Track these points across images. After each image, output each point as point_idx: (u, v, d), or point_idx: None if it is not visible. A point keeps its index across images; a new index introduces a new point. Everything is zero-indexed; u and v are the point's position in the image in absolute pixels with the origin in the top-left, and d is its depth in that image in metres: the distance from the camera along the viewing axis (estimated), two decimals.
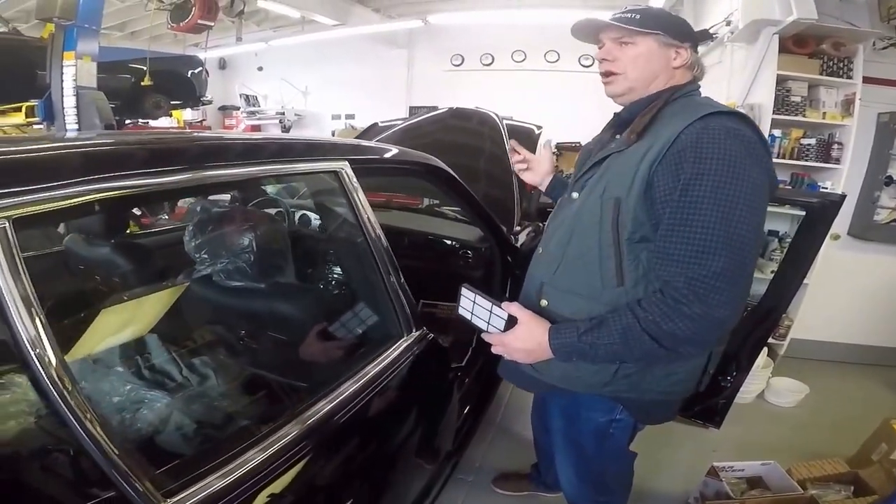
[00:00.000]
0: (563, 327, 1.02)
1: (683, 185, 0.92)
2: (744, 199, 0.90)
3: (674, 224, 0.93)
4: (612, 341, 0.96)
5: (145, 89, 5.39)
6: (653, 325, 0.93)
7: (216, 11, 5.24)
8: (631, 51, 1.07)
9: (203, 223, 1.28)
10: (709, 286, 0.89)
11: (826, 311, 3.23)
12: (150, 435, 0.99)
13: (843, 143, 3.11)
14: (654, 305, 0.94)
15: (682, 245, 0.92)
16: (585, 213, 1.06)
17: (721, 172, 0.90)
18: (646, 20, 1.05)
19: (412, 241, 2.32)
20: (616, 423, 1.20)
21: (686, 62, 1.08)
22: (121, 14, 7.13)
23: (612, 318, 0.96)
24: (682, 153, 0.93)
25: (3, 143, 0.82)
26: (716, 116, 0.95)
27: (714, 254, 0.89)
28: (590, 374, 1.09)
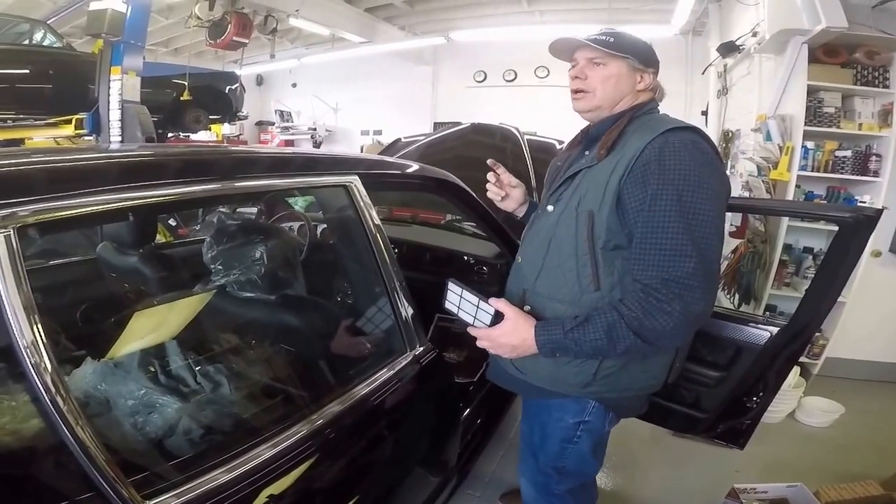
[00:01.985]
0: (549, 324, 1.07)
1: (651, 197, 1.01)
2: (705, 204, 0.99)
3: (646, 232, 1.02)
4: (598, 337, 1.01)
5: (185, 104, 5.63)
6: (635, 321, 0.99)
7: (251, 29, 5.47)
8: (602, 71, 1.14)
9: (219, 235, 1.34)
10: (684, 285, 0.98)
11: (865, 329, 3.08)
12: (158, 438, 1.03)
13: (881, 155, 2.99)
14: (636, 304, 1.00)
15: (655, 251, 1.00)
16: (562, 225, 1.13)
17: (683, 182, 1.00)
18: (619, 44, 1.12)
19: (432, 255, 2.35)
20: (584, 426, 1.23)
21: (649, 86, 1.17)
22: (165, 31, 7.52)
23: (597, 316, 1.02)
24: (647, 166, 1.02)
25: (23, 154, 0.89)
26: (675, 132, 1.04)
27: (685, 256, 0.98)
28: (572, 374, 1.15)
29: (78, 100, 4.63)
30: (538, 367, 1.17)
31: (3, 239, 0.68)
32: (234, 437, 1.08)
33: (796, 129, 2.95)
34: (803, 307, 1.76)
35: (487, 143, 3.03)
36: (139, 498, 0.75)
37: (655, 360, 1.19)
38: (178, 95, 5.53)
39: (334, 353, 1.31)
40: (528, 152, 2.79)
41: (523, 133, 2.95)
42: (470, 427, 1.78)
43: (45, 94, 4.62)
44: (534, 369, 1.19)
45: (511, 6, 6.71)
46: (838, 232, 1.61)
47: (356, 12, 6.81)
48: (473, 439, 1.79)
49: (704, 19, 5.05)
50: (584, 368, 1.14)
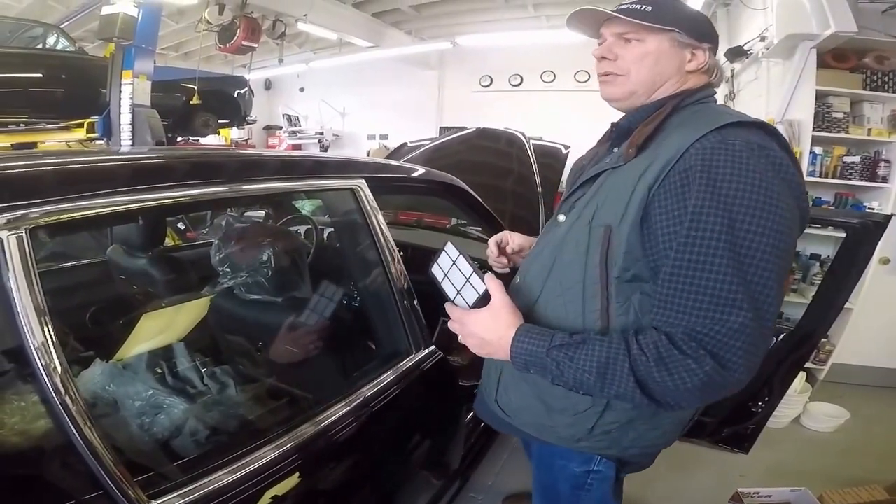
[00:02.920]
0: (535, 332, 0.83)
1: (693, 216, 0.74)
2: (769, 236, 0.72)
3: (680, 266, 0.75)
4: (587, 368, 0.78)
5: (195, 108, 5.68)
6: (644, 368, 0.75)
7: (259, 33, 5.51)
8: (637, 49, 0.89)
9: (227, 238, 1.35)
10: (724, 345, 0.72)
11: (872, 335, 3.06)
12: (165, 439, 1.04)
13: (890, 161, 2.98)
14: (652, 347, 0.75)
15: (690, 294, 0.74)
16: (570, 242, 0.89)
17: (741, 202, 0.72)
18: (660, 13, 0.87)
19: None
20: (594, 475, 1.02)
21: (702, 65, 0.91)
22: (176, 35, 7.59)
23: (598, 343, 0.78)
24: (690, 173, 0.76)
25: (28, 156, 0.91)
26: (735, 128, 0.78)
27: (731, 307, 0.72)
28: (563, 426, 0.95)
29: (90, 103, 4.68)
30: (523, 412, 0.99)
31: (16, 240, 0.70)
32: (239, 438, 1.09)
33: (804, 134, 2.94)
34: (810, 313, 1.75)
35: (493, 147, 3.04)
36: (145, 498, 0.76)
37: (667, 416, 0.94)
38: (188, 99, 5.58)
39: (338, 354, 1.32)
40: (533, 157, 2.80)
41: (529, 138, 2.96)
42: (473, 430, 1.78)
43: (58, 98, 4.67)
44: (518, 413, 1.01)
45: (517, 11, 6.72)
46: (846, 238, 1.60)
47: (363, 17, 6.86)
48: (477, 442, 1.79)
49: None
50: (579, 421, 0.92)
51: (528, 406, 0.98)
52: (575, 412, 0.93)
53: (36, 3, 5.76)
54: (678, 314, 0.75)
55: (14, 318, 0.69)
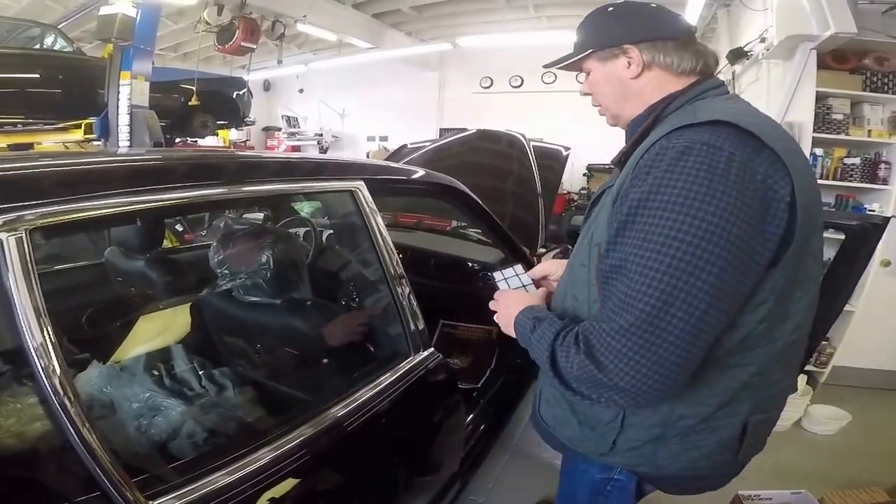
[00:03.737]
0: (535, 310, 0.91)
1: (620, 222, 0.76)
2: (685, 243, 0.69)
3: (608, 269, 0.78)
4: (537, 339, 0.85)
5: (193, 109, 5.67)
6: (557, 351, 0.80)
7: (258, 34, 5.51)
8: (591, 78, 0.94)
9: (225, 240, 1.35)
10: (603, 344, 0.73)
11: (872, 338, 3.06)
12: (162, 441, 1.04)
13: (890, 163, 2.97)
14: (567, 337, 0.80)
15: (608, 295, 0.77)
16: (577, 262, 0.93)
17: (664, 206, 0.71)
18: (581, 39, 0.92)
19: (437, 261, 2.35)
20: (614, 483, 1.03)
21: (641, 65, 0.87)
22: (174, 36, 7.58)
23: (548, 321, 0.85)
24: (633, 180, 0.76)
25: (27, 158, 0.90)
26: (685, 130, 0.74)
27: (622, 309, 0.72)
28: (591, 440, 0.97)
29: (87, 104, 4.67)
30: (561, 423, 1.03)
31: (15, 241, 0.69)
32: (237, 439, 1.09)
33: (805, 135, 2.93)
34: None
35: (493, 149, 3.04)
36: (142, 499, 0.76)
37: (704, 436, 0.88)
38: (186, 101, 5.56)
39: (338, 356, 1.31)
40: (533, 159, 2.79)
41: (529, 139, 2.95)
42: (473, 432, 1.78)
43: (55, 99, 4.66)
44: (557, 424, 1.04)
45: (518, 12, 6.73)
46: (845, 240, 1.60)
47: (363, 18, 6.86)
48: (477, 445, 1.78)
49: (713, 25, 5.03)
50: (603, 435, 0.94)
51: (565, 419, 1.00)
52: (600, 424, 0.93)
53: (34, 3, 5.74)
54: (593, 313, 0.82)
55: (13, 319, 0.69)
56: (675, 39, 0.87)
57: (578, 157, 4.30)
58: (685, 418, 0.86)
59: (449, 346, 2.18)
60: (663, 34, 0.87)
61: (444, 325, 2.25)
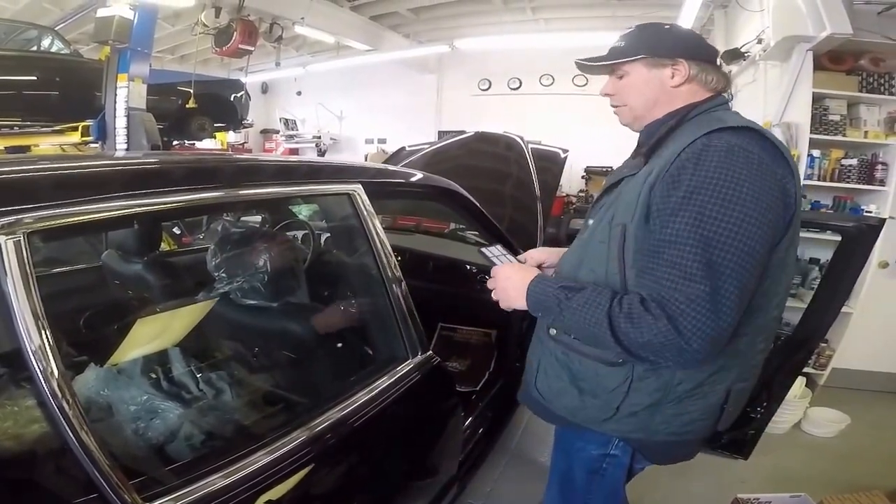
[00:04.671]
0: (548, 278, 1.04)
1: (675, 205, 0.88)
2: (733, 225, 0.84)
3: (660, 243, 0.89)
4: (576, 307, 0.93)
5: (191, 111, 5.66)
6: (615, 316, 0.89)
7: (256, 36, 5.50)
8: (625, 82, 1.05)
9: (223, 243, 1.35)
10: (680, 311, 0.84)
11: (871, 340, 3.06)
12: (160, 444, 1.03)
13: (887, 164, 2.98)
14: (626, 304, 0.89)
15: (662, 265, 0.88)
16: (595, 240, 1.04)
17: (709, 194, 0.86)
18: (629, 45, 1.03)
19: (435, 264, 2.35)
20: (609, 459, 1.12)
21: (686, 77, 1.01)
22: (172, 38, 7.56)
23: (591, 290, 0.94)
24: (680, 172, 0.89)
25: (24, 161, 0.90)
26: (721, 132, 0.90)
27: (691, 280, 0.84)
28: (593, 407, 1.05)
29: (84, 107, 4.66)
30: (559, 396, 1.10)
31: (13, 245, 0.70)
32: (234, 442, 1.09)
33: (802, 137, 2.94)
34: (807, 317, 1.76)
35: (492, 151, 3.03)
36: (140, 501, 0.76)
37: (694, 402, 1.01)
38: (184, 103, 5.55)
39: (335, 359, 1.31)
40: (532, 161, 2.79)
41: (528, 142, 2.95)
42: (472, 436, 1.77)
43: (52, 101, 4.65)
44: (554, 397, 1.11)
45: (516, 14, 6.74)
46: (841, 242, 1.61)
47: (361, 20, 6.86)
48: (475, 449, 1.78)
49: (710, 26, 5.04)
50: (607, 401, 1.02)
51: (564, 390, 1.07)
52: (604, 392, 1.02)
53: (31, 5, 5.73)
54: (650, 281, 0.89)
55: (12, 322, 0.69)
56: (713, 63, 1.05)
57: (576, 159, 4.30)
58: (683, 383, 0.99)
59: (447, 350, 2.17)
60: (707, 56, 1.05)
61: (442, 328, 2.25)
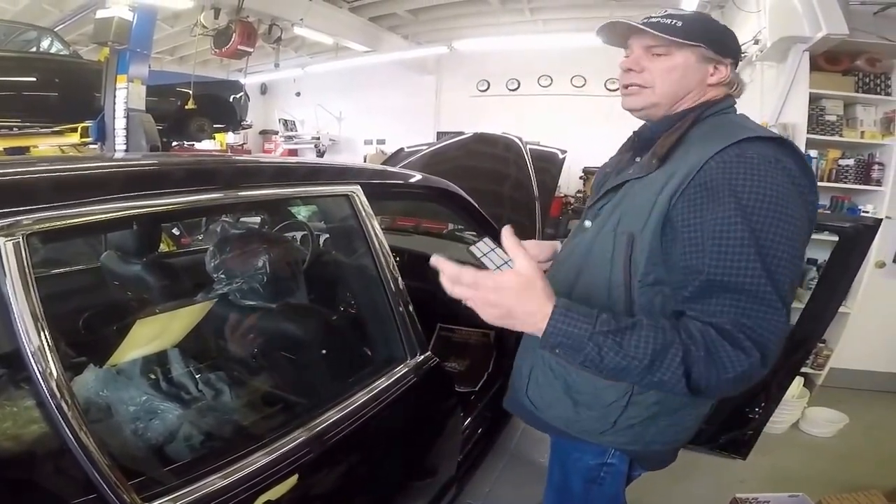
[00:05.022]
0: (578, 311, 0.76)
1: (721, 226, 0.79)
2: (787, 243, 0.78)
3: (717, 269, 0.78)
4: (637, 355, 0.74)
5: (190, 112, 5.66)
6: (694, 356, 0.74)
7: (255, 38, 5.50)
8: (664, 63, 0.93)
9: (222, 244, 1.35)
10: (768, 339, 0.76)
11: (869, 339, 3.07)
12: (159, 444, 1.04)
13: (884, 164, 2.99)
14: (701, 337, 0.75)
15: (732, 293, 0.77)
16: (596, 248, 0.96)
17: (762, 212, 0.78)
18: (689, 29, 0.91)
19: None
20: (607, 468, 1.07)
21: (724, 79, 0.95)
22: (171, 39, 7.56)
23: (653, 330, 0.75)
24: (712, 185, 0.81)
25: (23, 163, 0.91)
26: (753, 142, 0.82)
27: (772, 306, 0.77)
28: (589, 419, 0.99)
29: (84, 108, 4.66)
30: (552, 406, 1.03)
31: (13, 246, 0.70)
32: (233, 443, 1.09)
33: (799, 137, 2.95)
34: (804, 318, 1.76)
35: (490, 152, 3.04)
36: (139, 501, 0.76)
37: (689, 412, 0.99)
38: (183, 104, 5.56)
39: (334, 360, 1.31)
40: (530, 162, 2.80)
41: (526, 142, 2.96)
42: (470, 437, 1.78)
43: (51, 102, 4.65)
44: (548, 407, 1.05)
45: (514, 15, 6.75)
46: (838, 242, 1.62)
47: (360, 21, 6.87)
48: (474, 449, 1.78)
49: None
50: (604, 415, 0.97)
51: (557, 400, 1.01)
52: (601, 406, 0.97)
53: (30, 6, 5.73)
54: (722, 310, 0.77)
55: (11, 323, 0.69)
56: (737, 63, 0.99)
57: (574, 160, 4.30)
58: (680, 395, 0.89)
59: (446, 350, 2.17)
60: (738, 58, 0.98)
61: (441, 329, 2.25)
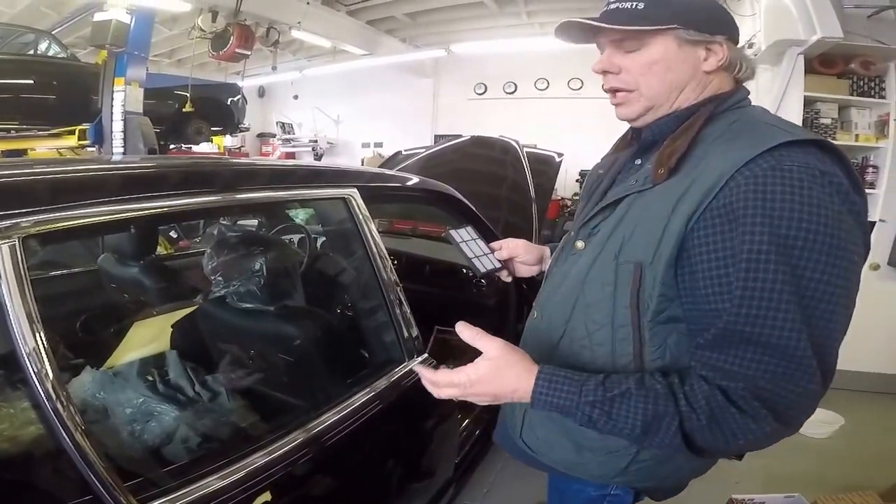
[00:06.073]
0: (560, 380, 0.71)
1: (750, 261, 0.63)
2: (837, 284, 0.63)
3: (739, 317, 0.65)
4: (627, 425, 0.68)
5: (188, 115, 5.67)
6: (695, 424, 0.66)
7: (253, 41, 5.52)
8: (639, 58, 0.76)
9: (219, 247, 1.35)
10: (793, 405, 0.65)
11: (864, 341, 3.05)
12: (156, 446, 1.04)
13: (878, 167, 3.01)
14: (705, 403, 0.66)
15: (754, 347, 0.64)
16: (594, 279, 0.79)
17: (805, 244, 0.62)
18: (653, 9, 0.73)
19: (431, 268, 2.36)
20: (610, 499, 0.96)
21: (722, 61, 0.76)
22: (169, 42, 7.58)
23: (642, 399, 0.68)
24: (739, 206, 0.64)
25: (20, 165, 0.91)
26: (789, 148, 0.65)
27: (806, 370, 0.64)
28: (595, 465, 0.87)
29: (81, 110, 4.66)
30: (552, 450, 0.92)
31: (8, 249, 0.70)
32: (230, 444, 1.09)
33: None
34: None
35: (487, 155, 3.04)
36: (135, 503, 0.76)
37: None
38: (181, 107, 5.56)
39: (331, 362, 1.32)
40: (527, 165, 2.81)
41: (523, 146, 2.97)
42: (468, 437, 1.78)
43: (49, 105, 4.66)
44: (546, 451, 0.93)
45: (511, 18, 6.79)
46: None
47: (358, 25, 6.89)
48: (472, 450, 1.79)
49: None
50: (612, 460, 0.85)
51: (557, 444, 0.90)
52: (607, 451, 0.85)
53: (28, 9, 5.73)
54: (738, 368, 0.65)
55: (6, 325, 0.69)
56: (736, 41, 0.80)
57: (571, 163, 4.32)
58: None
59: (443, 353, 2.17)
60: (737, 37, 0.79)
61: (438, 332, 2.25)
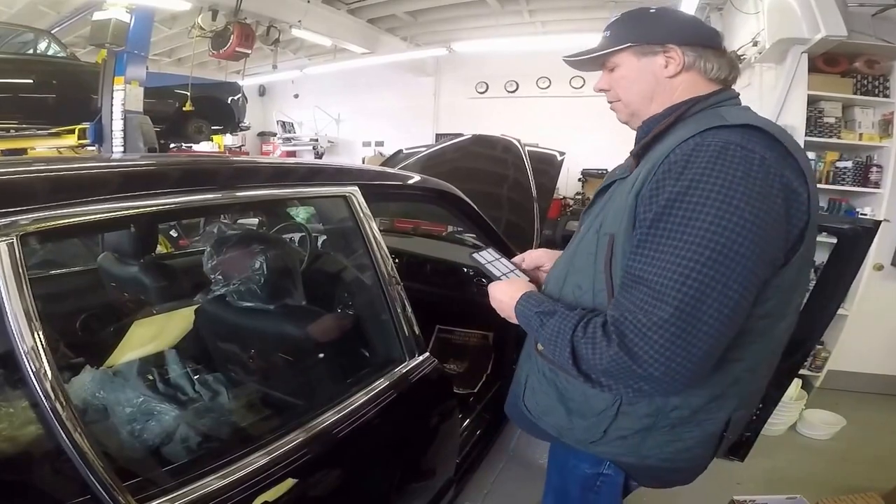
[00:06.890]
0: (534, 297, 0.95)
1: (655, 214, 0.77)
2: (721, 236, 0.72)
3: (634, 258, 0.80)
4: (547, 335, 0.87)
5: (188, 114, 5.66)
6: (577, 341, 0.82)
7: (253, 40, 5.50)
8: (616, 74, 0.95)
9: (219, 246, 1.34)
10: (639, 334, 0.75)
11: (867, 342, 3.07)
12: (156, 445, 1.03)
13: (882, 166, 2.99)
14: (591, 326, 0.81)
15: (633, 282, 0.78)
16: (582, 250, 0.95)
17: (698, 199, 0.74)
18: (615, 34, 0.93)
19: (433, 267, 2.35)
20: (603, 478, 1.04)
21: (681, 66, 0.89)
22: (169, 41, 7.55)
23: (560, 316, 0.86)
24: (665, 176, 0.78)
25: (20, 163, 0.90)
26: (718, 130, 0.78)
27: (660, 300, 0.74)
28: (581, 429, 0.98)
29: (81, 110, 4.65)
30: (547, 413, 1.04)
31: (6, 247, 0.69)
32: (230, 444, 1.09)
33: (797, 139, 2.94)
34: (802, 320, 1.75)
35: (489, 154, 3.04)
36: (134, 503, 0.76)
37: (688, 429, 0.92)
38: (181, 106, 5.55)
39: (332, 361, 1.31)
40: (528, 164, 2.80)
41: (524, 144, 2.96)
42: (469, 437, 1.77)
43: (49, 104, 4.65)
44: (543, 414, 1.05)
45: (513, 17, 6.76)
46: (836, 244, 1.61)
47: (359, 23, 6.87)
48: (473, 450, 1.78)
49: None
50: (595, 424, 0.95)
51: (552, 408, 1.01)
52: (592, 414, 0.95)
53: (27, 8, 5.72)
54: (623, 300, 0.79)
55: (4, 323, 0.69)
56: (715, 49, 0.92)
57: (573, 162, 4.30)
58: (678, 409, 0.90)
59: (445, 352, 2.17)
60: (706, 41, 0.92)
61: (439, 331, 2.25)
